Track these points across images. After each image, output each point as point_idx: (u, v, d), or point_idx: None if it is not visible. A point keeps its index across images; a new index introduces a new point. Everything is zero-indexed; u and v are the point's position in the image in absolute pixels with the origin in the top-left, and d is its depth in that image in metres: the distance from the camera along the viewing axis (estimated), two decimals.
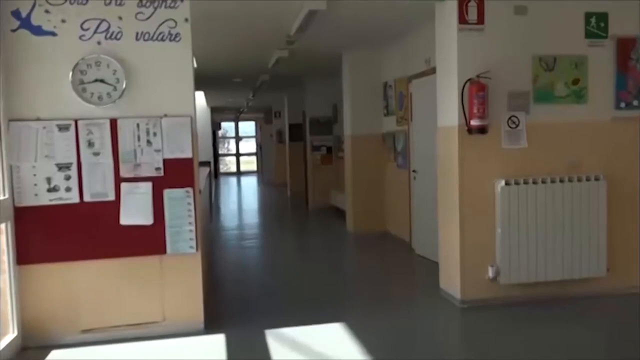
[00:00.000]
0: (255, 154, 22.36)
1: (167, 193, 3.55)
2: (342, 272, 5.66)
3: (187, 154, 3.59)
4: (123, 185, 3.49)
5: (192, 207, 3.60)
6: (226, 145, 25.63)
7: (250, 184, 18.34)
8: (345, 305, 4.39)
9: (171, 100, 3.57)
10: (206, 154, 15.68)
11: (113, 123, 3.48)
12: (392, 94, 6.95)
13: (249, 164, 23.90)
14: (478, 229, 4.16)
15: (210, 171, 9.93)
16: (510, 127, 4.16)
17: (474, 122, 3.99)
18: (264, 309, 4.26)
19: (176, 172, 3.57)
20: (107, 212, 3.47)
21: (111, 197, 3.48)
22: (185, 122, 3.58)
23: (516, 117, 4.17)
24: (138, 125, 3.51)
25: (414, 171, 6.10)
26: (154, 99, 3.55)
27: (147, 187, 3.51)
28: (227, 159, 24.73)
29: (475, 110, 3.96)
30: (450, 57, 4.19)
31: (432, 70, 5.56)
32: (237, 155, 23.57)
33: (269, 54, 7.24)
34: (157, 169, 3.54)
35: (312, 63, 8.30)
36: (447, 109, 4.29)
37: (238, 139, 23.40)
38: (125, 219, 3.48)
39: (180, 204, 3.57)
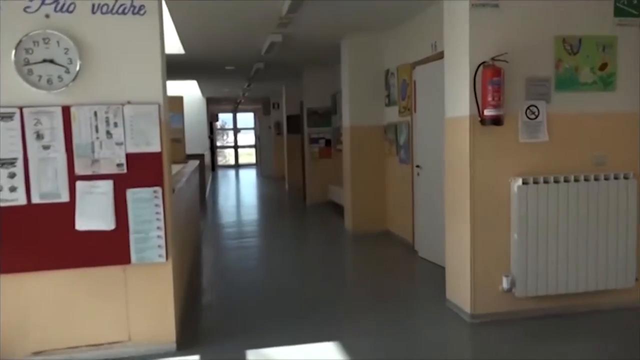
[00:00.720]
0: (254, 146, 21.85)
1: (131, 193, 3.06)
2: (338, 277, 5.16)
3: (155, 147, 3.08)
4: (79, 184, 2.99)
5: (160, 210, 3.10)
6: (225, 137, 25.14)
7: (248, 177, 17.85)
8: (340, 319, 3.90)
9: (135, 84, 3.06)
10: (202, 146, 15.18)
11: (66, 111, 2.97)
12: (394, 83, 6.42)
13: (248, 156, 23.40)
14: (491, 233, 3.65)
15: (200, 164, 9.40)
16: (528, 118, 3.63)
17: (487, 112, 3.47)
18: (249, 323, 3.78)
19: (142, 169, 3.07)
20: (60, 216, 2.98)
21: (64, 198, 2.98)
22: (152, 110, 3.07)
23: (535, 106, 3.64)
24: (96, 113, 3.00)
25: (417, 166, 5.59)
26: (114, 82, 3.04)
27: (107, 186, 3.02)
28: (226, 151, 24.22)
29: (489, 99, 3.44)
30: (461, 37, 3.66)
31: (439, 55, 5.04)
32: (235, 147, 23.05)
33: (261, 39, 6.71)
34: (119, 165, 3.04)
35: (309, 50, 7.77)
36: (457, 98, 3.77)
37: (236, 130, 22.87)
38: (82, 224, 2.99)
39: (146, 205, 3.07)
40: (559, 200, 3.61)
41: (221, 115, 23.82)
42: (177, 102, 8.32)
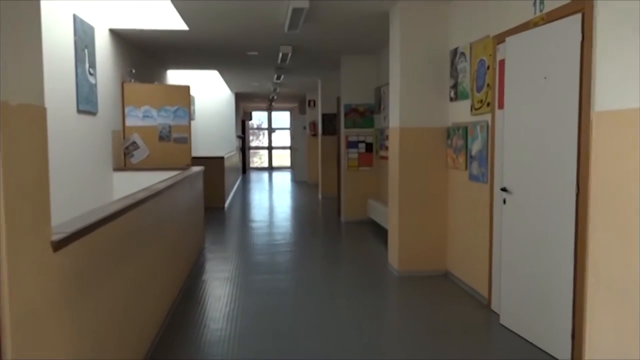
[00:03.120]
0: (290, 147, 20.25)
1: None
2: (376, 355, 3.33)
3: None
4: None
5: None
6: (261, 137, 23.71)
7: (279, 182, 16.20)
8: None
9: None
10: (228, 147, 13.66)
11: None
12: (465, 67, 4.53)
13: (284, 158, 21.83)
14: None
15: (213, 169, 7.80)
16: None
17: None
18: None
19: None
20: None
21: None
22: None
23: None
24: None
25: (503, 190, 3.68)
26: None
27: None
28: (262, 152, 22.76)
29: None
30: None
31: (546, 18, 3.16)
32: (269, 148, 21.51)
33: (282, 8, 4.98)
34: None
35: (347, 28, 5.97)
36: (630, 72, 1.88)
37: (270, 130, 21.32)
38: None
39: None
40: None
41: (256, 114, 22.42)
42: (181, 92, 6.69)
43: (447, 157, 4.96)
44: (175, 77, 9.76)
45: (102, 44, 5.64)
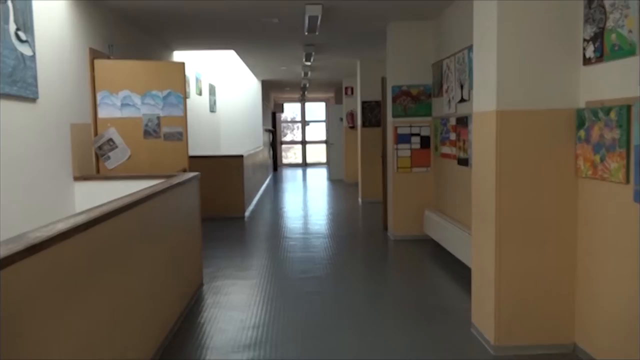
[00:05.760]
0: (326, 142, 18.42)
1: None
2: None
3: None
4: None
5: None
6: (294, 131, 22.02)
7: (313, 181, 14.38)
8: None
9: None
10: (253, 142, 11.97)
11: None
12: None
13: (320, 153, 20.01)
14: None
15: (223, 172, 6.00)
16: None
17: None
18: None
19: None
20: None
21: None
22: None
23: None
24: None
25: None
26: None
27: None
28: (297, 147, 21.03)
29: None
30: None
31: None
32: (303, 143, 19.73)
33: None
34: None
35: None
36: None
37: (304, 123, 19.54)
38: None
39: None
40: None
41: (289, 106, 20.72)
42: (174, 71, 4.95)
43: (577, 159, 2.99)
44: (187, 63, 8.05)
45: (55, 2, 3.95)
